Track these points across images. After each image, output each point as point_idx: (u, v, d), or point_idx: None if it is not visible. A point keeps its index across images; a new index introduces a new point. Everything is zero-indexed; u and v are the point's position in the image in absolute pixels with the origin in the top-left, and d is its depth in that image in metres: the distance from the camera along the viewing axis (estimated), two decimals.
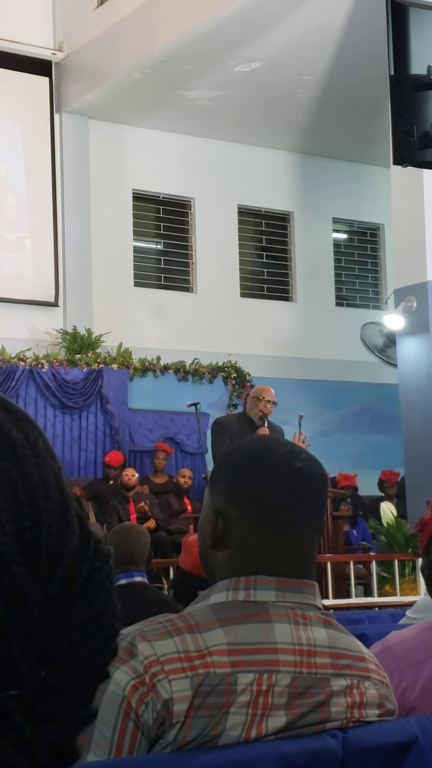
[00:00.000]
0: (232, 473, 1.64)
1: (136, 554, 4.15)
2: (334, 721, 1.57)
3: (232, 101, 12.02)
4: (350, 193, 13.94)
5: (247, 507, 1.61)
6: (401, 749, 1.59)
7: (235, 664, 1.50)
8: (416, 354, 9.60)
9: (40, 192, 12.11)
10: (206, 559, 1.65)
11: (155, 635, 1.51)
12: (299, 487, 1.62)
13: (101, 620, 0.80)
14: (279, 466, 1.62)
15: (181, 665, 1.48)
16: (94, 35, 11.69)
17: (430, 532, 2.16)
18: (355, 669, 1.61)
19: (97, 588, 0.80)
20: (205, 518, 1.65)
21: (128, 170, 12.70)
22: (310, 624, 1.59)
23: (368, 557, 8.96)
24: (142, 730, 1.46)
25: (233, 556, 1.61)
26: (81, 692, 0.79)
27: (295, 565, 1.60)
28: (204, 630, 1.52)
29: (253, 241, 13.70)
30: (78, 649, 0.79)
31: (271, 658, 1.53)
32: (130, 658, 1.48)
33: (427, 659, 1.95)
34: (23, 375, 11.54)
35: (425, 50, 4.23)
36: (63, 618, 0.78)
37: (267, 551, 1.60)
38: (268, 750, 1.49)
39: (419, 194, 9.41)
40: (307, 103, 12.15)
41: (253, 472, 1.63)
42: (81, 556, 0.80)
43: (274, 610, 1.57)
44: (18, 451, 0.79)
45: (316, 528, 1.65)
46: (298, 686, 1.54)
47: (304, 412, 11.73)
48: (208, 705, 1.48)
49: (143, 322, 12.49)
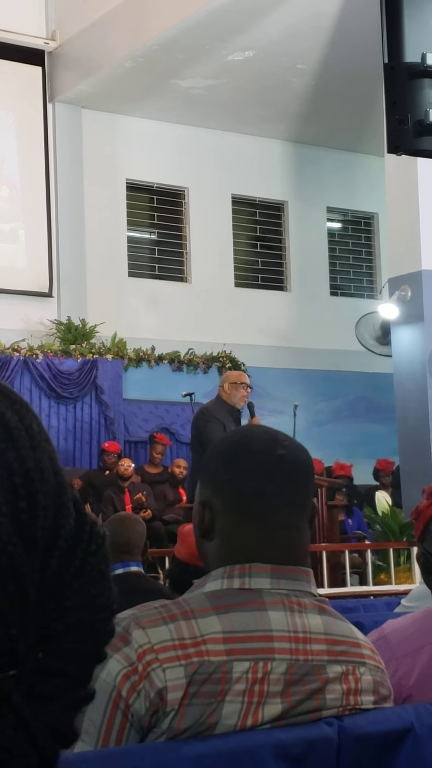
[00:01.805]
0: (216, 464, 1.64)
1: (132, 544, 4.15)
2: (330, 709, 1.57)
3: (225, 90, 11.99)
4: (344, 182, 13.92)
5: (230, 496, 1.61)
6: (397, 737, 1.59)
7: (231, 652, 1.50)
8: (411, 343, 9.60)
9: (34, 182, 12.08)
10: (200, 549, 1.67)
11: (150, 621, 1.50)
12: (282, 474, 1.61)
13: (97, 602, 0.81)
14: (260, 453, 1.62)
15: (175, 653, 1.48)
16: (87, 24, 11.65)
17: (425, 520, 2.16)
18: (350, 655, 1.61)
19: (93, 570, 0.81)
20: (195, 510, 1.66)
21: (122, 160, 12.67)
22: (305, 611, 1.58)
23: (363, 546, 8.97)
24: (131, 720, 1.46)
25: (221, 546, 1.61)
26: (78, 673, 0.80)
27: (282, 553, 1.60)
28: (199, 616, 1.52)
29: (247, 231, 13.69)
30: (74, 631, 0.79)
31: (266, 645, 1.53)
32: (123, 645, 1.48)
33: (422, 648, 1.95)
34: (18, 366, 11.53)
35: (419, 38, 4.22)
36: (59, 600, 0.79)
37: (252, 539, 1.59)
38: (264, 738, 1.49)
39: (413, 183, 9.40)
40: (301, 91, 12.13)
41: (234, 461, 1.63)
42: (77, 538, 0.81)
43: (269, 598, 1.57)
44: (13, 433, 0.80)
45: (303, 514, 1.64)
46: (294, 673, 1.54)
47: (299, 402, 11.76)
48: (203, 693, 1.47)
49: (138, 313, 12.48)
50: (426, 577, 2.18)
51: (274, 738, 1.49)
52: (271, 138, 13.41)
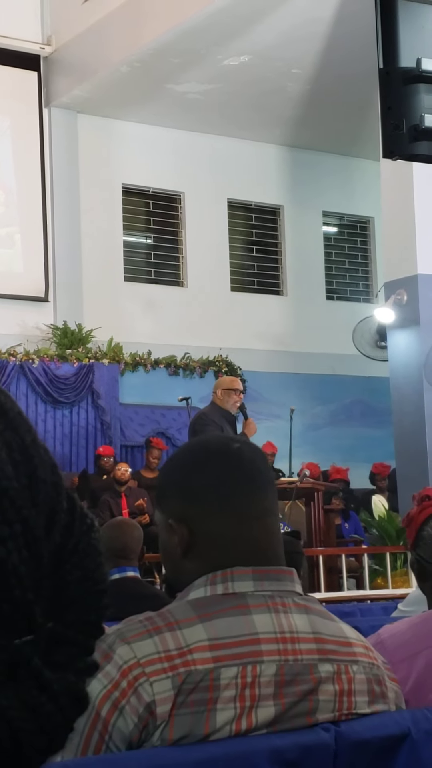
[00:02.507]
0: (178, 476, 1.66)
1: (129, 549, 4.15)
2: (325, 713, 1.56)
3: (221, 95, 12.01)
4: (340, 186, 13.94)
5: (202, 499, 1.62)
6: (394, 742, 1.59)
7: (218, 659, 1.49)
8: (407, 347, 9.60)
9: (30, 187, 12.08)
10: (179, 573, 1.64)
11: (135, 635, 1.50)
12: (243, 464, 1.64)
13: (95, 576, 0.85)
14: (218, 452, 1.66)
15: (161, 666, 1.47)
16: (83, 29, 11.66)
17: (417, 527, 2.15)
18: (340, 654, 1.60)
19: (88, 547, 0.85)
20: (166, 534, 1.65)
21: (117, 164, 12.68)
22: (291, 611, 1.58)
23: (360, 550, 8.97)
24: (107, 741, 1.45)
25: (205, 555, 1.60)
26: (84, 642, 0.84)
27: (265, 541, 1.62)
28: (184, 626, 1.51)
29: (243, 235, 13.70)
30: (78, 602, 0.83)
31: (253, 649, 1.52)
32: (106, 663, 1.48)
33: (419, 653, 1.95)
34: (14, 370, 11.53)
35: (414, 43, 4.23)
36: (61, 573, 0.82)
37: (234, 535, 1.60)
38: (260, 744, 1.49)
39: (409, 187, 9.41)
40: (297, 96, 12.14)
41: (196, 466, 1.65)
42: (71, 515, 0.85)
43: (253, 601, 1.56)
44: (9, 414, 0.83)
45: (274, 499, 1.67)
46: (285, 674, 1.54)
47: (296, 406, 11.76)
48: (191, 702, 1.47)
49: (134, 317, 12.48)
50: (421, 583, 2.18)
51: (271, 744, 1.49)
52: (266, 142, 13.42)
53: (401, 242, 9.60)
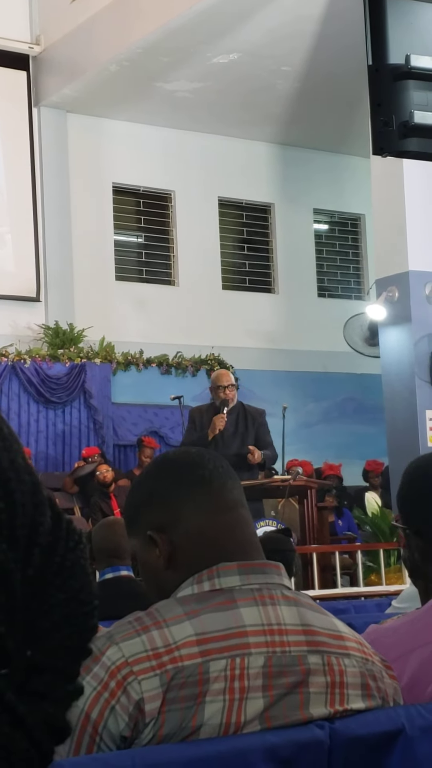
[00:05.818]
0: (145, 491, 1.70)
1: (122, 548, 4.15)
2: (318, 706, 1.56)
3: (210, 93, 12.00)
4: (331, 183, 13.94)
5: (174, 503, 1.65)
6: (388, 739, 1.59)
7: (206, 653, 1.50)
8: (398, 344, 9.61)
9: (20, 187, 12.06)
10: (164, 587, 1.64)
11: (124, 636, 1.51)
12: (205, 463, 1.68)
13: (80, 597, 0.82)
14: (178, 459, 1.72)
15: (149, 664, 1.48)
16: (72, 28, 11.64)
17: None
18: (331, 646, 1.60)
19: (73, 566, 0.82)
20: (146, 550, 1.66)
21: (108, 163, 12.67)
22: (278, 603, 1.58)
23: (353, 547, 8.98)
24: (98, 742, 1.46)
25: (187, 560, 1.61)
26: (66, 668, 0.81)
27: (242, 533, 1.65)
28: (171, 624, 1.52)
29: (234, 233, 13.69)
30: (60, 627, 0.80)
31: (241, 641, 1.53)
32: (94, 665, 1.49)
33: (413, 650, 1.95)
34: (6, 371, 11.51)
35: (403, 39, 4.22)
36: (43, 597, 0.80)
37: (212, 531, 1.62)
38: (254, 741, 1.49)
39: (399, 184, 9.42)
40: (286, 94, 12.14)
41: (160, 474, 1.70)
42: (55, 535, 0.82)
43: (240, 595, 1.57)
44: None
45: (240, 492, 1.71)
46: (273, 665, 1.54)
47: (288, 404, 11.75)
48: (181, 698, 1.47)
49: (125, 316, 12.47)
50: (414, 580, 2.18)
51: (265, 741, 1.49)
52: (256, 140, 13.42)
53: (392, 239, 9.61)
